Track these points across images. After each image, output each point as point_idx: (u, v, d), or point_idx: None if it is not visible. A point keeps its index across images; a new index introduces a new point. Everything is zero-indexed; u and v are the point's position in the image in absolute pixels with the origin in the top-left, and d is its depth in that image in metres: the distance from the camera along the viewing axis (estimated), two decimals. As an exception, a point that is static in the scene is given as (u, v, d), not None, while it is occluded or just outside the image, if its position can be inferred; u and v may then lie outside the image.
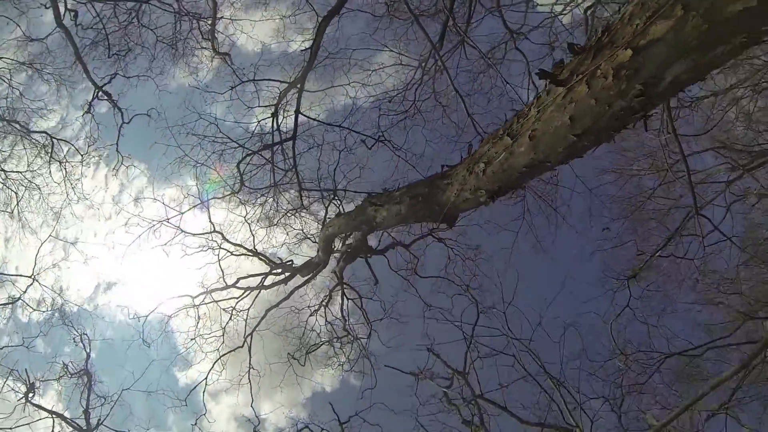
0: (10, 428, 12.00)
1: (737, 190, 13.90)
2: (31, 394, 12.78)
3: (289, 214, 11.66)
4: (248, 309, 13.31)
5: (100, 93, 13.84)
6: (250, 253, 12.60)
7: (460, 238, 13.55)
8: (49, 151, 13.04)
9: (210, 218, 13.07)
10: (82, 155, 13.22)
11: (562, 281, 10.25)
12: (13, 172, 13.67)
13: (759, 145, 14.19)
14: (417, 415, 11.93)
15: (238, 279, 12.61)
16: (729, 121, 14.36)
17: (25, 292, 13.17)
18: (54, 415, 12.70)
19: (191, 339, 13.63)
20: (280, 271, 12.38)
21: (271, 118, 11.42)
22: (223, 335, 13.54)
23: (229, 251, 13.47)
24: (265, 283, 12.95)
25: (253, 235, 13.36)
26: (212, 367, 13.08)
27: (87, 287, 16.19)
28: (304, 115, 10.33)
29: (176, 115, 12.90)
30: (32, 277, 12.92)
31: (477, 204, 5.73)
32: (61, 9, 12.81)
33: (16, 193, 13.55)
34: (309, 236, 13.59)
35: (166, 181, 12.78)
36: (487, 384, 12.28)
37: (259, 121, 11.32)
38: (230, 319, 13.62)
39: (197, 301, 13.10)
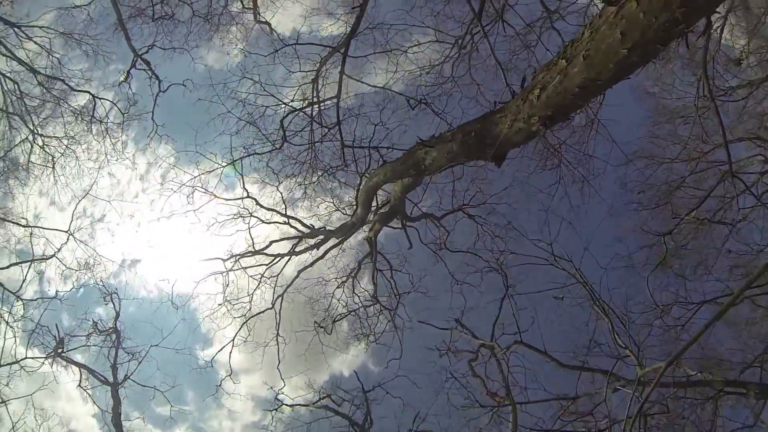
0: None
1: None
2: (60, 349, 13.86)
3: (330, 172, 12.60)
4: (277, 276, 14.39)
5: (139, 61, 15.03)
6: (283, 218, 13.61)
7: (489, 217, 14.59)
8: (91, 112, 14.22)
9: (243, 184, 14.15)
10: (123, 114, 14.41)
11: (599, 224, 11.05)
12: (52, 137, 14.82)
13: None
14: (448, 376, 12.76)
15: (271, 242, 13.66)
16: (765, 113, 15.21)
17: (59, 250, 14.34)
18: (82, 368, 13.80)
19: (219, 304, 14.75)
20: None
21: (311, 84, 12.52)
22: (250, 301, 14.62)
23: (260, 219, 14.54)
24: (297, 249, 14.07)
25: (285, 204, 14.40)
26: (240, 329, 14.13)
27: (113, 263, 17.00)
28: (348, 76, 11.40)
29: (212, 88, 13.86)
30: (68, 232, 14.08)
31: (529, 135, 6.71)
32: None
33: (52, 157, 14.69)
34: (340, 209, 14.63)
35: (199, 153, 13.70)
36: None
37: (300, 85, 12.43)
38: (258, 286, 14.71)
39: (227, 265, 14.19)
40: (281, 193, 14.13)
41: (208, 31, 15.24)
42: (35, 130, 14.98)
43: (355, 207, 12.05)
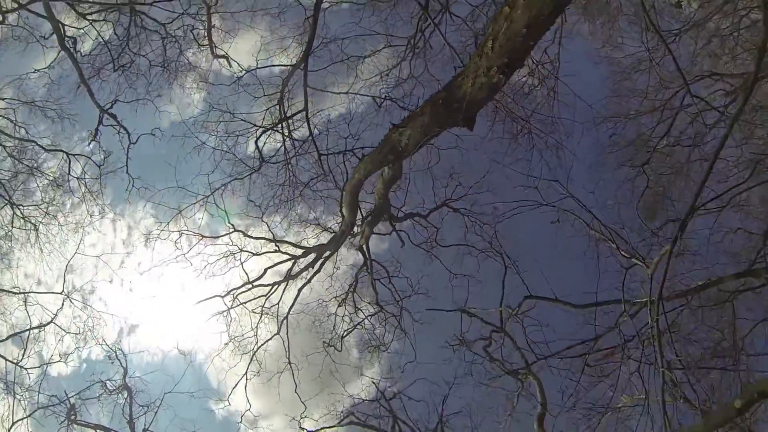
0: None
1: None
2: (73, 415, 14.10)
3: (312, 185, 13.16)
4: (278, 303, 14.79)
5: (105, 117, 15.56)
6: (274, 243, 14.06)
7: (474, 207, 15.16)
8: (67, 171, 14.76)
9: (229, 220, 14.60)
10: (99, 167, 14.94)
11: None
12: (30, 205, 15.29)
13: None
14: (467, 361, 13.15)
15: (266, 270, 14.08)
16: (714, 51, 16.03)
17: (56, 315, 14.69)
18: (99, 429, 14.04)
19: (225, 343, 15.08)
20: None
21: (277, 105, 13.15)
22: (256, 335, 14.97)
23: (251, 252, 15.00)
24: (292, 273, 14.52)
25: (272, 234, 14.87)
26: (251, 361, 14.45)
27: (110, 333, 17.23)
28: (312, 88, 12.01)
29: (184, 124, 14.54)
30: (63, 293, 14.45)
31: (492, 88, 7.34)
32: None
33: (34, 225, 15.11)
34: (327, 229, 15.11)
35: (181, 188, 14.15)
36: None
37: (267, 108, 13.02)
38: (261, 319, 15.08)
39: (227, 301, 14.58)
40: (266, 223, 14.69)
41: (168, 79, 15.88)
42: (11, 200, 15.40)
43: (341, 215, 12.58)
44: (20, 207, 15.22)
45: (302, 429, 15.10)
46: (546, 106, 12.76)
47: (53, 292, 14.75)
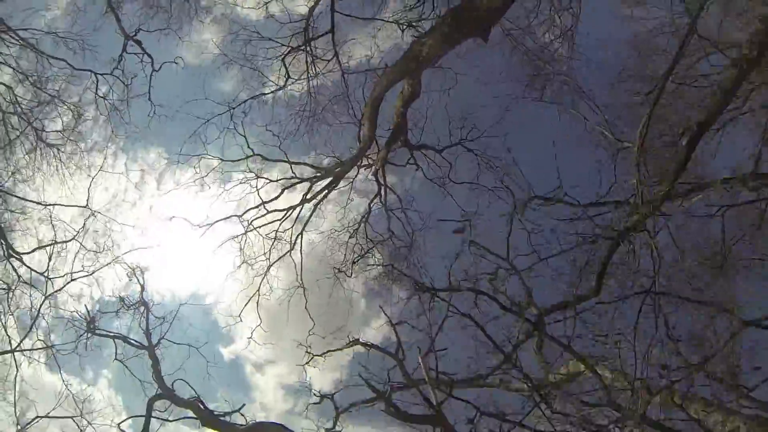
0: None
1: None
2: (92, 326, 15.72)
3: (333, 103, 14.56)
4: (291, 228, 16.33)
5: (130, 44, 16.91)
6: (290, 167, 15.49)
7: (487, 150, 16.53)
8: (94, 90, 16.25)
9: (248, 144, 15.98)
10: (125, 84, 16.48)
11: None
12: (54, 131, 16.86)
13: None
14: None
15: (282, 190, 15.55)
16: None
17: (78, 232, 16.36)
18: (117, 338, 15.75)
19: (237, 267, 16.65)
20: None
21: (303, 32, 14.51)
22: (268, 259, 16.52)
23: (267, 179, 16.41)
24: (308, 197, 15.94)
25: (290, 164, 16.25)
26: (261, 281, 16.14)
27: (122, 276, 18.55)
28: (340, 12, 13.37)
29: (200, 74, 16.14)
30: (87, 206, 16.09)
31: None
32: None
33: (58, 150, 16.58)
34: (343, 160, 16.48)
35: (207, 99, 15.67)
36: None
37: (294, 34, 14.34)
38: (273, 244, 16.58)
39: (243, 223, 16.11)
40: (284, 153, 16.09)
41: (189, 12, 17.12)
42: (34, 126, 16.81)
43: (359, 140, 14.00)
44: (43, 132, 16.68)
45: (308, 353, 16.46)
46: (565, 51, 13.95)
47: (78, 206, 16.28)
